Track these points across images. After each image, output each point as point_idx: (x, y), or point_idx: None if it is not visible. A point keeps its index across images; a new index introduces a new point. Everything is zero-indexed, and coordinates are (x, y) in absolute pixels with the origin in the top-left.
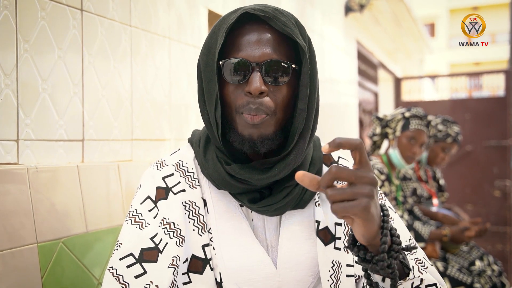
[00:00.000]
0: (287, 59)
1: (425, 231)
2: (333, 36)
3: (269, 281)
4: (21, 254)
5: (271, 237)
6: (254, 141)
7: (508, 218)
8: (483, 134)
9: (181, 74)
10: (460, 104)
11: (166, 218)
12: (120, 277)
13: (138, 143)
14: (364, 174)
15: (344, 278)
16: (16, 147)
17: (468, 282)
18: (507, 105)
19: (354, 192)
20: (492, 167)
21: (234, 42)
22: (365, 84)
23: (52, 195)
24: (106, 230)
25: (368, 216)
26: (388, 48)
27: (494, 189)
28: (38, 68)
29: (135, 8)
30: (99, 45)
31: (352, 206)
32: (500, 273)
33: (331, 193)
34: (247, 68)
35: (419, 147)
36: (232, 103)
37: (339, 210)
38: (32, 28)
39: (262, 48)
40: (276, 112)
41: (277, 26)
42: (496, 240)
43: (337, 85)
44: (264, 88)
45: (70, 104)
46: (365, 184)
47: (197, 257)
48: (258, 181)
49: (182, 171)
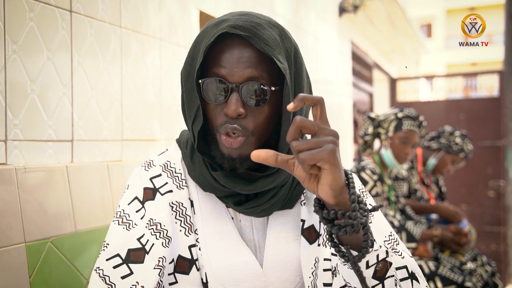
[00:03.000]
0: (268, 77)
1: (416, 231)
2: (327, 37)
3: (255, 281)
4: (8, 254)
5: (258, 238)
6: (234, 160)
7: (502, 218)
8: (477, 135)
9: (172, 75)
10: (455, 105)
11: (153, 219)
12: (106, 277)
13: (128, 144)
14: (326, 126)
15: (321, 272)
16: (5, 147)
17: (459, 281)
18: (501, 106)
19: (318, 140)
20: (487, 167)
21: (215, 56)
22: (360, 85)
23: (41, 195)
24: (95, 230)
25: (335, 161)
26: (383, 48)
27: (488, 189)
28: (27, 69)
29: (125, 9)
30: (89, 46)
31: (319, 151)
32: (493, 274)
33: (296, 144)
34: (226, 89)
35: (411, 147)
36: (213, 120)
37: (306, 158)
38: (21, 29)
39: (242, 67)
40: (254, 133)
41: (258, 45)
42: (491, 240)
43: (331, 85)
44: (241, 110)
45: (59, 105)
46: (328, 134)
47: (184, 258)
48: (241, 191)
49: (170, 172)
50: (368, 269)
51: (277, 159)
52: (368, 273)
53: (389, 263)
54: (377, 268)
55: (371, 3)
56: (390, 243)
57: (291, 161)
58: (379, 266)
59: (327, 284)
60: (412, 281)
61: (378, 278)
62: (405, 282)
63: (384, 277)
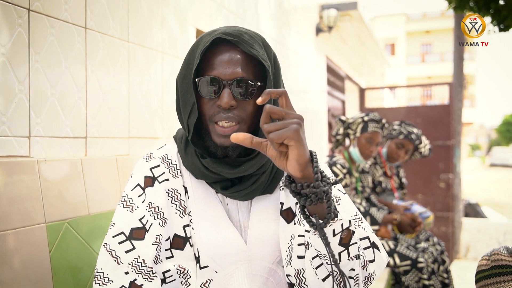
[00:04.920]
0: (254, 76)
1: (379, 215)
2: (305, 52)
3: (240, 256)
4: (32, 232)
5: (243, 219)
6: (226, 148)
7: (451, 205)
8: (432, 136)
9: (172, 83)
10: (413, 111)
11: (152, 202)
12: (113, 251)
13: (135, 141)
14: (291, 112)
15: (296, 247)
16: (28, 142)
17: (413, 257)
18: (450, 112)
19: (285, 122)
20: (438, 163)
21: (208, 60)
22: (334, 93)
23: (59, 183)
24: (105, 212)
25: (299, 138)
26: (354, 63)
27: (440, 181)
28: (47, 76)
29: (132, 26)
30: (101, 58)
31: (285, 131)
32: (442, 252)
33: (266, 126)
34: (219, 85)
35: (375, 146)
36: (206, 114)
37: (275, 137)
38: (43, 43)
39: (232, 67)
40: (246, 121)
41: (245, 48)
42: (441, 224)
43: (309, 94)
44: (233, 102)
45: (75, 107)
46: (293, 117)
47: (179, 236)
48: (227, 175)
49: (167, 163)
50: (335, 236)
51: (253, 141)
52: (334, 241)
53: (352, 231)
54: (342, 236)
55: (343, 24)
56: (355, 221)
57: (264, 143)
58: (344, 234)
59: (301, 256)
60: (373, 249)
61: (344, 245)
62: (368, 250)
63: (348, 244)
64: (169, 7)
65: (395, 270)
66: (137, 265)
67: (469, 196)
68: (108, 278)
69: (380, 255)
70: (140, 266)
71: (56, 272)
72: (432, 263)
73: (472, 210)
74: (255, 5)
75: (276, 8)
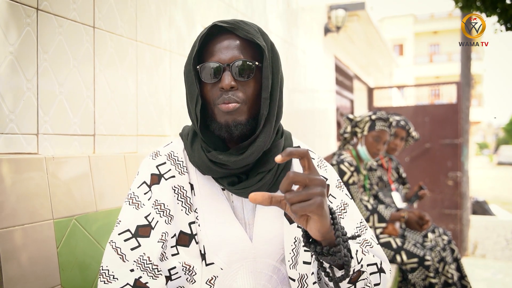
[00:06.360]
0: (252, 59)
1: (386, 213)
2: (314, 52)
3: (246, 253)
4: (40, 228)
5: (248, 216)
6: (229, 126)
7: (459, 203)
8: (439, 134)
9: (180, 81)
10: (421, 110)
11: (158, 200)
12: (118, 249)
13: (142, 138)
14: (315, 177)
15: (302, 251)
16: (36, 140)
17: (421, 255)
18: (458, 111)
19: (308, 193)
20: (446, 161)
21: (208, 49)
22: (342, 93)
23: (67, 180)
24: (113, 209)
25: (323, 212)
26: (362, 63)
27: (447, 179)
28: (56, 75)
29: (140, 25)
30: (109, 57)
31: (309, 205)
32: (449, 241)
33: (289, 197)
34: (219, 69)
35: (383, 144)
36: (210, 99)
37: (298, 210)
38: (51, 42)
39: (230, 52)
40: (246, 102)
41: (241, 34)
42: (449, 221)
43: (317, 93)
44: (234, 83)
45: (83, 105)
46: (317, 185)
47: (184, 233)
48: (234, 164)
49: (173, 160)
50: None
51: (272, 200)
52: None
53: (362, 271)
54: (352, 277)
55: (351, 25)
56: (360, 228)
57: (283, 202)
58: (354, 275)
59: (307, 262)
60: (380, 274)
61: (352, 282)
62: (374, 276)
63: (357, 281)
64: (177, 7)
65: (402, 267)
66: (143, 263)
67: (477, 194)
68: (113, 275)
69: (385, 277)
70: (145, 264)
71: (63, 268)
72: (438, 262)
73: (479, 208)
74: (263, 5)
75: (284, 8)
